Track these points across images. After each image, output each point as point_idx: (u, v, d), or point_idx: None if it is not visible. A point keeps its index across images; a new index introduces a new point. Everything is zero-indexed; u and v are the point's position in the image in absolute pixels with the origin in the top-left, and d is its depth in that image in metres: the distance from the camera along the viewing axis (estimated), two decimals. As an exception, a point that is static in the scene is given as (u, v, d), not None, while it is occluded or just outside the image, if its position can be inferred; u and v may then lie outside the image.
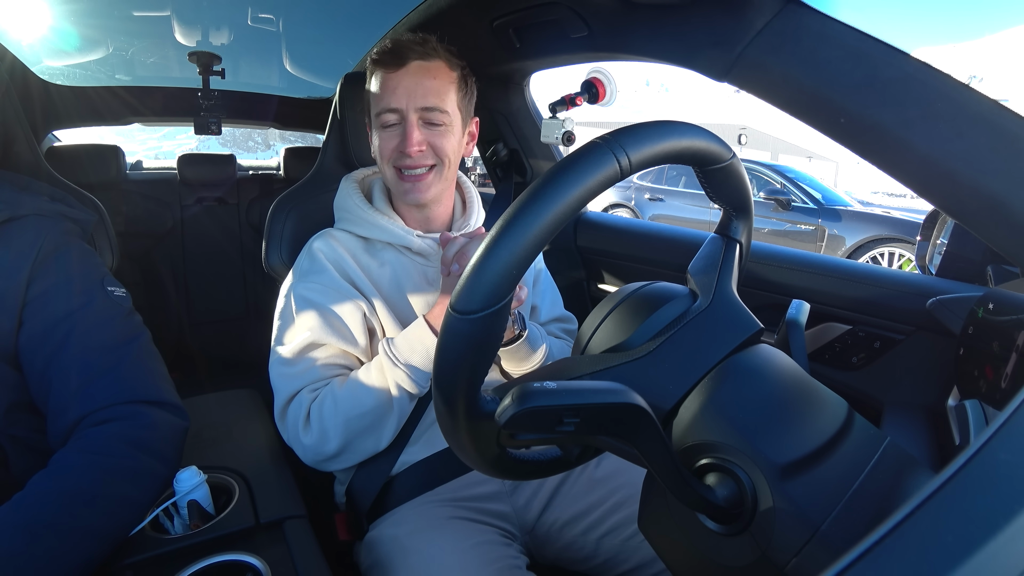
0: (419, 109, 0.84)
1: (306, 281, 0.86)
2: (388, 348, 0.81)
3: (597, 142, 0.40)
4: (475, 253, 0.38)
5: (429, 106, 0.84)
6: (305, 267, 0.88)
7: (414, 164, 0.85)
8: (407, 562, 0.75)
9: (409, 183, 0.87)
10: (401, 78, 0.84)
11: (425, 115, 0.84)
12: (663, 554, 0.48)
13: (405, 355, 0.79)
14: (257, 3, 1.43)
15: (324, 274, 0.86)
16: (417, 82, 0.84)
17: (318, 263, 0.87)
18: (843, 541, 0.37)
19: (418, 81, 0.84)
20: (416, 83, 0.84)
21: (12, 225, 0.77)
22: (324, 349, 0.84)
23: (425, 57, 0.84)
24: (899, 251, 5.07)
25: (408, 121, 0.84)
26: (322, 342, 0.84)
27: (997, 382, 0.63)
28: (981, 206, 0.52)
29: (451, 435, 0.43)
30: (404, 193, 0.88)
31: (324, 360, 0.84)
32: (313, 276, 0.86)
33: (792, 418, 0.43)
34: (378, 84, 0.86)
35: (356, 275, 0.87)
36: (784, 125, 29.24)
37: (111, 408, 0.73)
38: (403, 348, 0.80)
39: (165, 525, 0.73)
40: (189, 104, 1.93)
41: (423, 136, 0.84)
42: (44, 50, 1.59)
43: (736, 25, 0.66)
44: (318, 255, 0.88)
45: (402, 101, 0.84)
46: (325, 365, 0.84)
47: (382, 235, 0.89)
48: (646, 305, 0.50)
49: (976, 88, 0.52)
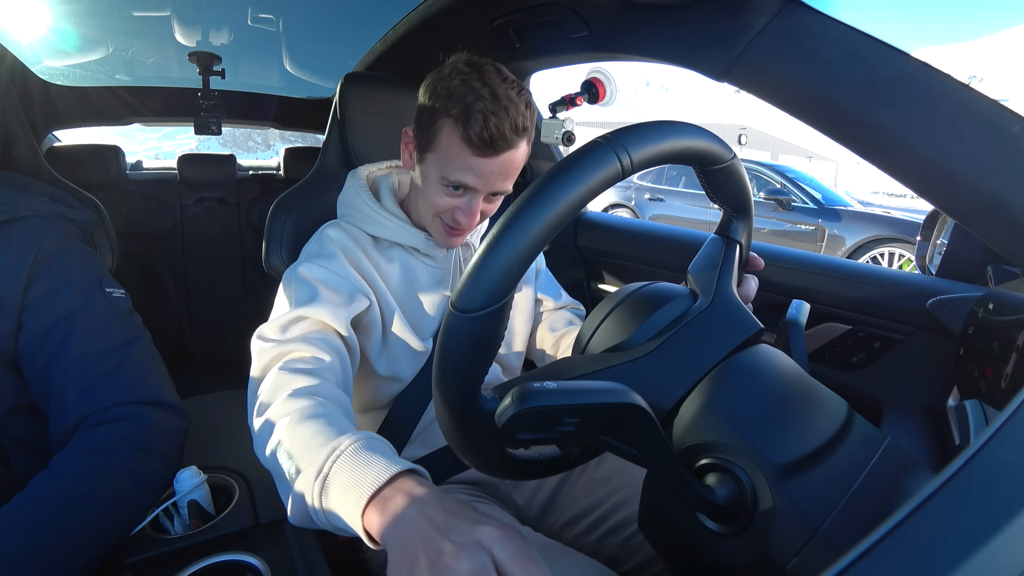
0: (491, 193, 0.81)
1: (312, 263, 0.81)
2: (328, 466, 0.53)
3: (599, 141, 0.40)
4: (477, 252, 0.38)
5: (500, 190, 0.81)
6: (315, 251, 0.85)
7: (465, 228, 0.83)
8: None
9: (450, 237, 0.85)
10: (491, 164, 0.77)
11: (493, 191, 0.81)
12: (663, 554, 0.48)
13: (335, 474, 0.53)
14: (257, 3, 1.43)
15: (334, 260, 0.82)
16: (503, 171, 0.78)
17: (328, 248, 0.84)
18: (843, 541, 0.37)
19: (504, 170, 0.78)
20: (502, 172, 0.78)
21: (12, 226, 0.77)
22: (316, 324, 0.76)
23: (517, 145, 0.77)
24: (899, 251, 5.07)
25: (475, 199, 0.80)
26: (316, 317, 0.76)
27: (997, 382, 0.63)
28: (981, 206, 0.52)
29: (451, 434, 0.43)
30: (440, 239, 0.86)
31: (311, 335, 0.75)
32: (321, 260, 0.82)
33: (792, 418, 0.43)
34: (458, 152, 0.76)
35: (366, 268, 0.85)
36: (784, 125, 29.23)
37: (111, 409, 0.73)
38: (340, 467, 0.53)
39: (165, 525, 0.73)
40: (189, 104, 1.93)
41: (484, 207, 0.82)
42: (44, 50, 1.59)
43: (736, 25, 0.66)
44: (329, 242, 0.85)
45: (480, 183, 0.78)
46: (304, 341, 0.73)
47: (391, 235, 0.88)
48: (646, 305, 0.50)
49: (976, 88, 0.52)
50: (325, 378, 0.70)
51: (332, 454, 0.54)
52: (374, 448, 0.54)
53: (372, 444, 0.55)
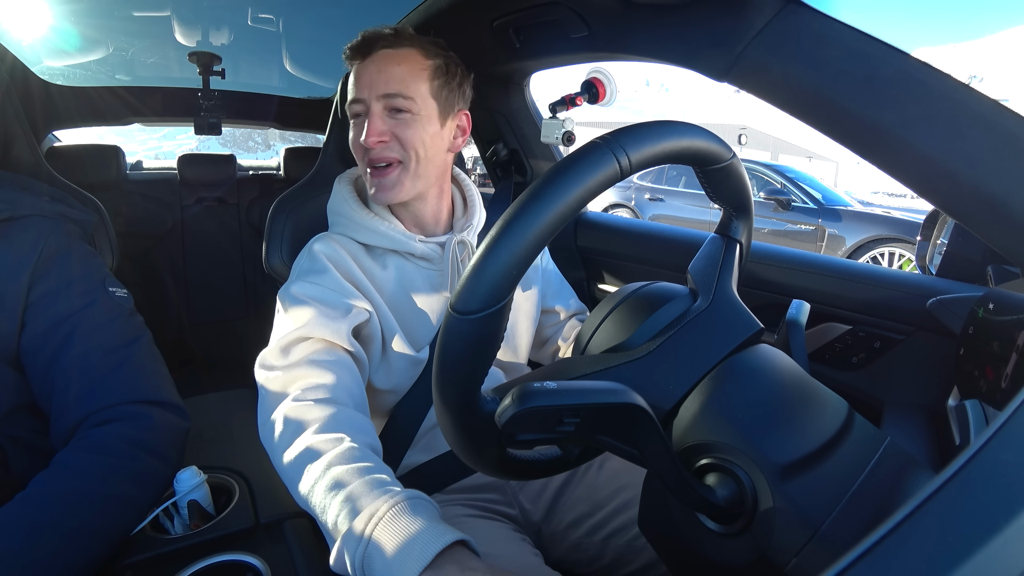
0: (380, 97, 0.80)
1: (303, 281, 0.80)
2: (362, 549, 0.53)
3: (597, 142, 0.40)
4: (476, 253, 0.38)
5: (391, 92, 0.80)
6: (304, 267, 0.83)
7: (377, 157, 0.82)
8: None
9: (375, 180, 0.83)
10: (367, 67, 0.82)
11: (388, 102, 0.81)
12: (663, 555, 0.48)
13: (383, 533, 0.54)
14: (257, 3, 1.43)
15: (325, 274, 0.80)
16: (380, 69, 0.81)
17: (319, 263, 0.82)
18: (843, 541, 0.37)
19: (381, 68, 0.81)
20: (379, 70, 0.81)
21: (13, 225, 0.77)
22: (311, 343, 0.74)
23: (393, 45, 0.82)
24: (899, 251, 5.07)
25: (370, 111, 0.81)
26: (319, 336, 0.75)
27: (997, 382, 0.63)
28: (981, 206, 0.52)
29: (452, 436, 0.43)
30: (373, 193, 0.84)
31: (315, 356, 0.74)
32: (313, 276, 0.80)
33: (792, 418, 0.43)
34: (351, 76, 0.84)
35: (359, 278, 0.82)
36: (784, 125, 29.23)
37: (113, 408, 0.73)
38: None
39: (165, 525, 0.73)
40: (189, 104, 1.93)
41: (386, 126, 0.81)
42: (44, 50, 1.59)
43: (736, 25, 0.66)
44: (319, 256, 0.82)
45: (364, 91, 0.81)
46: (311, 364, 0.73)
47: (382, 241, 0.85)
48: (646, 305, 0.50)
49: (976, 88, 0.52)
50: (341, 403, 0.70)
51: (371, 520, 0.54)
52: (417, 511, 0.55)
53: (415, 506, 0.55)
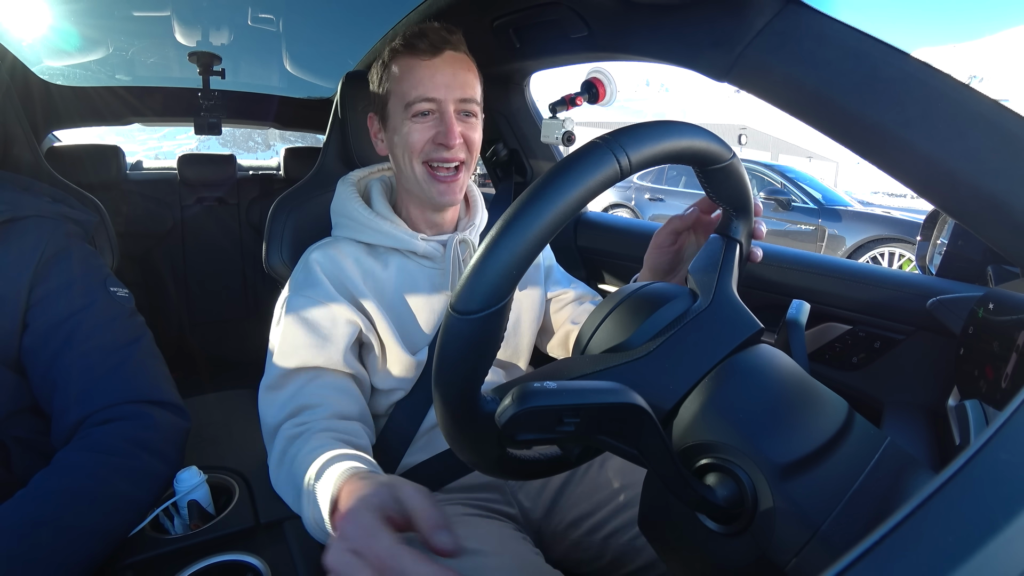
0: (458, 100, 0.81)
1: (298, 295, 0.82)
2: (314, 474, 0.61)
3: (597, 142, 0.40)
4: (476, 253, 0.38)
5: (467, 97, 0.82)
6: (300, 279, 0.84)
7: (452, 158, 0.82)
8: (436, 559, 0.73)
9: (444, 184, 0.83)
10: (438, 67, 0.80)
11: (462, 107, 0.82)
12: (663, 554, 0.48)
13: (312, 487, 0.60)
14: (257, 3, 1.43)
15: (319, 287, 0.82)
16: (454, 73, 0.81)
17: (313, 276, 0.83)
18: (843, 541, 0.37)
19: (456, 72, 0.81)
20: (453, 74, 0.81)
21: (14, 226, 0.77)
22: (310, 373, 0.77)
23: (457, 48, 0.83)
24: (899, 251, 5.07)
25: (447, 112, 0.81)
26: (309, 364, 0.77)
27: (997, 382, 0.63)
28: (981, 206, 0.52)
29: (451, 436, 0.43)
30: (438, 195, 0.84)
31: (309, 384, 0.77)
32: (307, 289, 0.82)
33: (792, 418, 0.43)
34: (408, 72, 0.81)
35: (356, 286, 0.83)
36: (784, 125, 29.23)
37: (114, 408, 0.73)
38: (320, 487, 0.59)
39: (165, 525, 0.73)
40: (189, 104, 1.94)
41: (459, 128, 0.82)
42: (44, 50, 1.59)
43: (736, 25, 0.66)
44: (314, 267, 0.84)
45: (440, 91, 0.80)
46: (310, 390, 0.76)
47: (385, 240, 0.87)
48: (646, 305, 0.50)
49: (976, 88, 0.52)
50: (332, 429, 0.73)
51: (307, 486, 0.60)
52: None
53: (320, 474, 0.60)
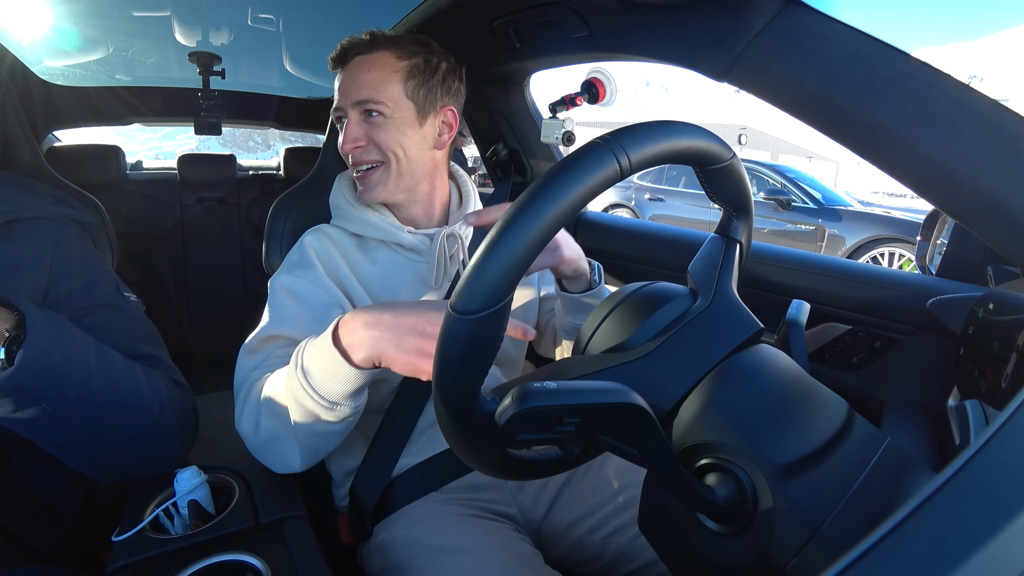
0: (354, 104, 0.84)
1: (290, 273, 0.85)
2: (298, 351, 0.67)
3: (597, 142, 0.40)
4: (476, 253, 0.38)
5: (362, 99, 0.84)
6: (294, 260, 0.88)
7: (357, 161, 0.87)
8: (434, 562, 0.74)
9: (360, 181, 0.89)
10: (343, 75, 0.87)
11: (361, 108, 0.84)
12: (663, 554, 0.48)
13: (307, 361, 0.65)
14: (257, 3, 1.43)
15: (310, 269, 0.85)
16: (353, 77, 0.85)
17: (306, 258, 0.86)
18: (843, 541, 0.37)
19: (354, 76, 0.85)
20: (352, 78, 0.85)
21: (16, 227, 0.77)
22: (288, 342, 0.78)
23: (366, 51, 0.85)
24: (899, 251, 5.07)
25: (347, 118, 0.86)
26: (288, 335, 0.78)
27: (997, 382, 0.63)
28: (981, 206, 0.52)
29: (451, 436, 0.43)
30: (360, 194, 0.89)
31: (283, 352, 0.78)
32: (299, 270, 0.85)
33: (792, 418, 0.43)
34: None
35: (344, 275, 0.86)
36: (784, 125, 29.24)
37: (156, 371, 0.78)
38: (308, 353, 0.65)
39: (165, 525, 0.73)
40: (189, 104, 1.94)
41: (362, 131, 0.85)
42: (44, 50, 1.59)
43: (736, 25, 0.66)
44: (308, 250, 0.87)
45: (341, 99, 0.86)
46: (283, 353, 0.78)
47: (373, 232, 0.89)
48: (646, 305, 0.50)
49: (976, 88, 0.52)
50: None
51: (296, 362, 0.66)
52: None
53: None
